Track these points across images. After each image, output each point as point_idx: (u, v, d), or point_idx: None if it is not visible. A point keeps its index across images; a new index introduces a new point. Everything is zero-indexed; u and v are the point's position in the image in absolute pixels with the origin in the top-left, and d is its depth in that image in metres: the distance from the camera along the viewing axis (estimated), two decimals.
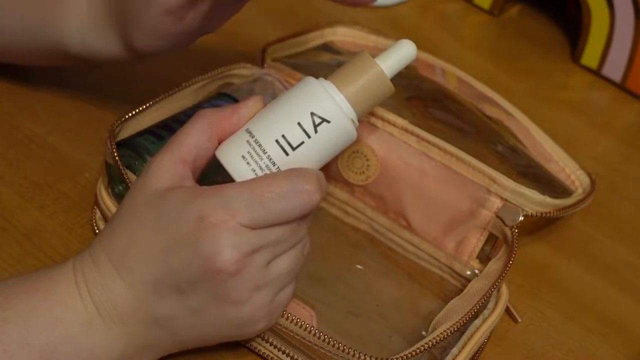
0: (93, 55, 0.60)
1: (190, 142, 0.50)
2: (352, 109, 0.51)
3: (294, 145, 0.50)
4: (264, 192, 0.48)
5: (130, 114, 0.59)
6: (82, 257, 0.49)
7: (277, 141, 0.50)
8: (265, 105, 0.52)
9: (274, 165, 0.50)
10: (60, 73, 0.68)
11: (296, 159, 0.50)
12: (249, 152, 0.50)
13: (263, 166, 0.50)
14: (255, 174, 0.50)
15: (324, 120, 0.50)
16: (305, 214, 0.49)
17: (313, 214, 0.51)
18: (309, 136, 0.50)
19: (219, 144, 0.51)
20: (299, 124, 0.50)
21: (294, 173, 0.49)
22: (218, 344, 0.54)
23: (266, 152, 0.50)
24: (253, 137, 0.50)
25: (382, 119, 0.64)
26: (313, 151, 0.50)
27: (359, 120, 0.52)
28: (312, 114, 0.50)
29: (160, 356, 0.51)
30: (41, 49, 0.61)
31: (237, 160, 0.50)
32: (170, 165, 0.50)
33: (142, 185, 0.50)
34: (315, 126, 0.50)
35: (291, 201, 0.48)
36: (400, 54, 0.52)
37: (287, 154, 0.50)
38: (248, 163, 0.50)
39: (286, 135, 0.50)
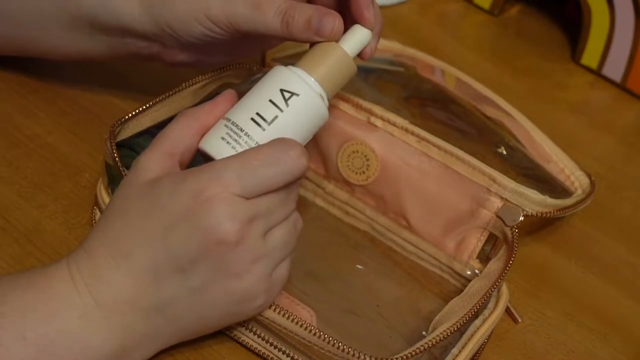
0: (111, 17, 0.59)
1: (176, 137, 0.52)
2: (320, 86, 0.54)
3: (269, 120, 0.52)
4: (252, 160, 0.50)
5: (130, 114, 0.59)
6: (75, 254, 0.50)
7: (252, 119, 0.52)
8: (239, 97, 0.55)
9: (252, 141, 0.52)
10: (61, 73, 0.68)
11: (273, 133, 0.52)
12: (227, 134, 0.52)
13: (242, 143, 0.52)
14: (236, 151, 0.52)
15: (293, 94, 0.53)
16: (293, 178, 0.51)
17: (298, 186, 0.53)
18: (281, 110, 0.53)
19: None
20: (270, 100, 0.53)
21: (278, 141, 0.51)
22: (218, 344, 0.54)
23: (243, 130, 0.52)
24: (230, 120, 0.53)
25: (382, 118, 0.64)
26: (288, 124, 0.53)
27: (329, 100, 0.55)
28: (282, 90, 0.53)
29: (160, 348, 0.51)
30: (57, 14, 0.60)
31: (217, 142, 0.52)
32: (158, 159, 0.51)
33: (132, 179, 0.51)
34: (286, 100, 0.53)
35: (279, 167, 0.50)
36: (358, 37, 0.57)
37: (263, 129, 0.52)
38: (228, 142, 0.52)
39: (260, 112, 0.53)
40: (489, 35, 0.90)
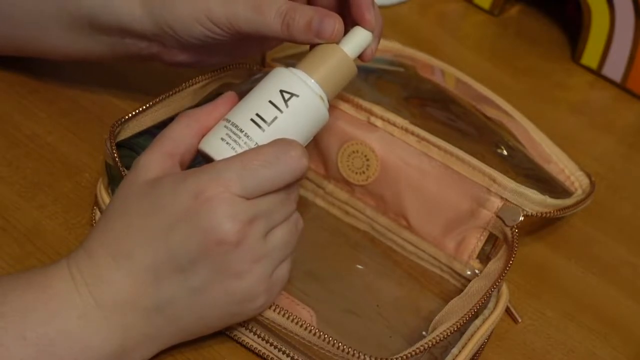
0: (111, 17, 0.59)
1: (177, 137, 0.52)
2: (320, 88, 0.54)
3: (268, 121, 0.52)
4: (253, 160, 0.50)
5: (130, 114, 0.59)
6: (75, 254, 0.50)
7: (252, 120, 0.52)
8: (239, 98, 0.55)
9: (252, 142, 0.52)
10: (61, 73, 0.68)
11: (273, 133, 0.52)
12: (227, 134, 0.52)
13: (242, 143, 0.52)
14: (235, 151, 0.52)
15: (292, 94, 0.53)
16: (293, 179, 0.51)
17: (299, 186, 0.53)
18: (281, 111, 0.53)
19: None
20: (270, 101, 0.53)
21: (279, 141, 0.51)
22: (218, 344, 0.54)
23: (243, 131, 0.52)
24: (229, 121, 0.53)
25: (382, 118, 0.64)
26: (288, 125, 0.53)
27: (329, 102, 0.55)
28: (281, 91, 0.53)
29: (160, 349, 0.51)
30: (57, 14, 0.60)
31: (216, 143, 0.52)
32: (159, 159, 0.51)
33: (133, 179, 0.51)
34: (286, 101, 0.53)
35: (279, 167, 0.50)
36: (358, 38, 0.57)
37: (263, 130, 0.52)
38: (227, 143, 0.52)
39: (260, 113, 0.53)
40: (489, 35, 0.90)
